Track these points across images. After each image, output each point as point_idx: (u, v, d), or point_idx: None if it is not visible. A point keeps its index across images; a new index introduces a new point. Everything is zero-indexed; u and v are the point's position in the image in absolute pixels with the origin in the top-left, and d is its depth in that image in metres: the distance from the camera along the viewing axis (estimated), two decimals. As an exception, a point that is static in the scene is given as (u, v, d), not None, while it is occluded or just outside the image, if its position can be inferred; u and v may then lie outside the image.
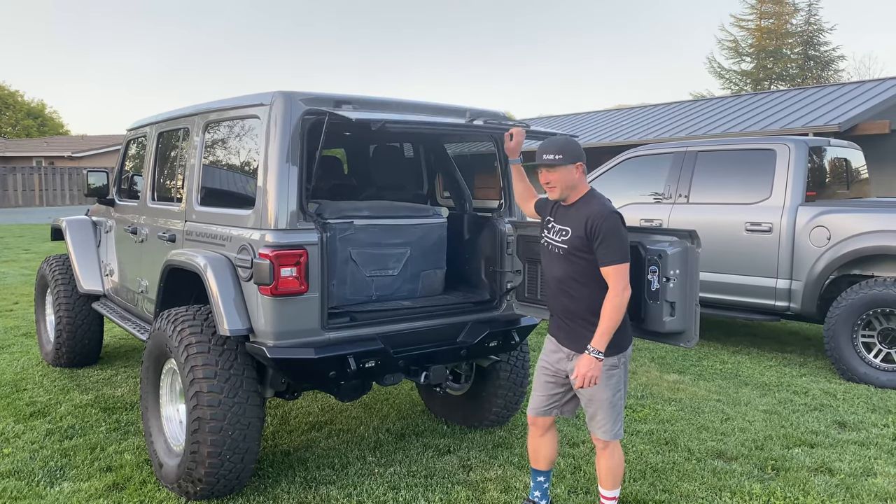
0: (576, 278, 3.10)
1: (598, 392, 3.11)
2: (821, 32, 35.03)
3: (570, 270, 3.10)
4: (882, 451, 4.43)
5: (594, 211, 3.05)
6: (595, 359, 2.96)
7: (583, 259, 3.06)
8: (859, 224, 6.00)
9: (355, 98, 3.63)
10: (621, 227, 3.03)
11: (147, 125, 5.16)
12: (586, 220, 3.03)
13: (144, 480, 3.90)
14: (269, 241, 3.35)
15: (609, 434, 3.17)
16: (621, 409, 3.19)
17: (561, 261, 3.13)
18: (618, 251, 2.98)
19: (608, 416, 3.15)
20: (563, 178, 3.09)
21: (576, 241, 3.07)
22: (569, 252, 3.09)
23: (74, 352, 5.98)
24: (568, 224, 3.12)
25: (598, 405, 3.15)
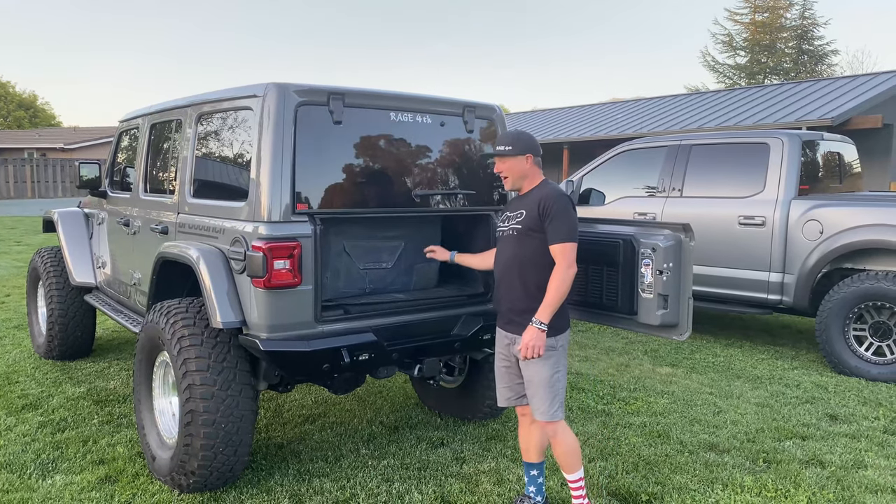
0: (525, 258, 3.22)
1: (535, 372, 3.21)
2: (815, 27, 35.07)
3: (521, 251, 3.23)
4: (872, 443, 4.46)
5: (546, 193, 3.24)
6: (538, 329, 3.08)
7: (535, 238, 3.19)
8: (852, 218, 6.02)
9: (349, 90, 3.61)
10: (571, 209, 3.21)
11: (139, 117, 5.13)
12: (539, 200, 3.20)
13: (137, 473, 3.89)
14: (262, 233, 3.34)
15: (546, 415, 3.23)
16: (560, 390, 3.26)
17: (513, 242, 3.26)
18: (567, 230, 3.14)
19: (545, 397, 3.21)
20: (513, 168, 3.28)
21: (529, 220, 3.21)
22: (522, 232, 3.23)
23: (66, 344, 5.96)
24: (521, 207, 3.28)
25: (536, 386, 3.23)
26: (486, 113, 4.19)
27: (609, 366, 6.23)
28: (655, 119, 18.16)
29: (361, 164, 3.69)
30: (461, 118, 4.07)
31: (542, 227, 3.18)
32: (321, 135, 3.52)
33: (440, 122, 3.98)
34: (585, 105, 23.60)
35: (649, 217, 7.25)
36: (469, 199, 4.08)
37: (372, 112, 3.72)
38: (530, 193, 3.31)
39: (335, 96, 3.55)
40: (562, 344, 3.26)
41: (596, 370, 6.07)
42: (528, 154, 3.29)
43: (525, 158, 3.29)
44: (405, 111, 3.84)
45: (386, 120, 3.77)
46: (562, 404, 3.28)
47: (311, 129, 3.48)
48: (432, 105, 3.96)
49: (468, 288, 4.24)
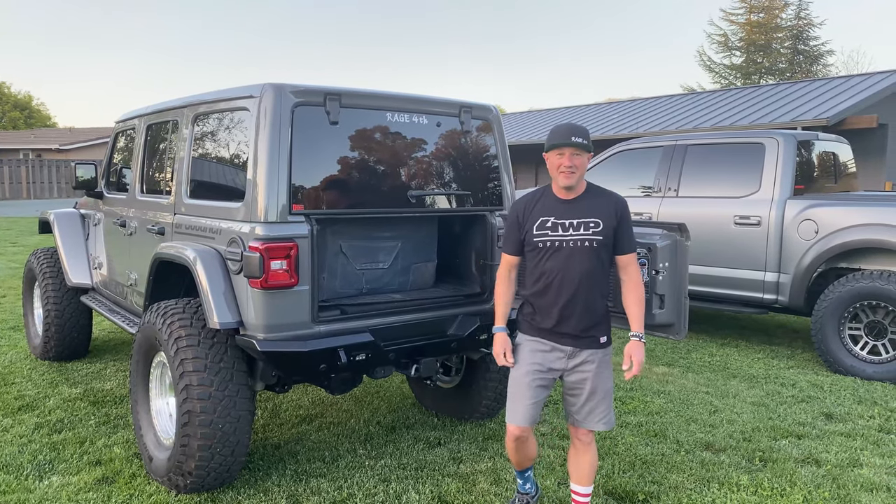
0: (601, 271, 3.04)
1: (601, 382, 3.08)
2: (810, 27, 35.20)
3: (598, 263, 3.02)
4: (868, 441, 4.47)
5: (616, 199, 3.08)
6: (642, 342, 3.04)
7: (607, 250, 3.03)
8: (847, 217, 6.04)
9: (345, 90, 3.62)
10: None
11: (136, 117, 5.13)
12: (615, 208, 3.03)
13: (134, 474, 3.89)
14: (258, 233, 3.34)
15: (609, 423, 3.13)
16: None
17: (588, 255, 3.00)
18: (634, 238, 3.09)
19: (607, 405, 3.11)
20: (583, 166, 3.02)
21: (609, 231, 3.00)
22: (602, 244, 3.00)
23: (63, 345, 5.95)
24: (594, 215, 3.01)
25: (601, 396, 3.09)
26: (482, 113, 4.20)
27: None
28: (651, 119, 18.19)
29: (358, 164, 3.70)
30: (457, 118, 4.08)
31: (614, 236, 3.02)
32: (317, 135, 3.53)
33: (436, 122, 3.98)
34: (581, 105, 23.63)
35: (645, 217, 7.26)
36: (465, 199, 4.09)
37: (368, 112, 3.73)
38: (589, 197, 3.07)
39: (331, 97, 3.55)
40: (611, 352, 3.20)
41: (592, 370, 6.07)
42: (591, 153, 3.10)
43: (589, 157, 3.07)
44: (401, 111, 3.84)
45: (382, 120, 3.78)
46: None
47: (307, 129, 3.48)
48: (428, 105, 3.97)
49: (465, 288, 4.25)
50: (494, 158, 4.26)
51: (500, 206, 4.22)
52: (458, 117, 4.08)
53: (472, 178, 4.14)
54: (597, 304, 3.06)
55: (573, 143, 2.95)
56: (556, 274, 3.02)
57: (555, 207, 3.06)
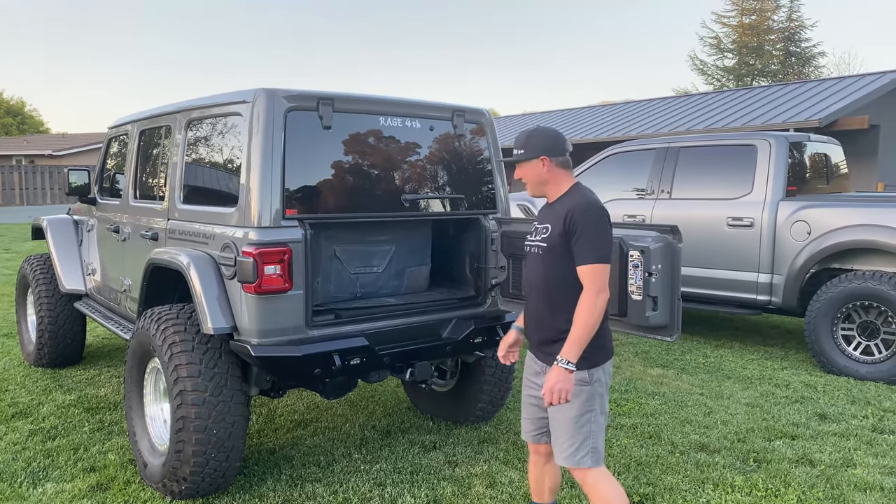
0: (554, 282, 2.77)
1: (560, 409, 2.73)
2: (802, 29, 35.38)
3: (549, 273, 2.79)
4: (861, 441, 4.49)
5: (575, 203, 2.74)
6: (564, 370, 2.63)
7: (562, 259, 2.74)
8: (839, 218, 6.07)
9: (338, 95, 3.62)
10: (603, 222, 2.71)
11: (129, 123, 5.13)
12: (566, 213, 2.73)
13: (129, 480, 3.88)
14: (252, 238, 3.34)
15: (569, 460, 2.75)
16: (591, 433, 2.74)
17: (539, 262, 2.83)
18: (594, 249, 2.65)
19: (568, 438, 2.73)
20: (528, 174, 2.86)
21: (556, 238, 2.75)
22: (548, 251, 2.78)
23: (57, 352, 5.94)
24: (549, 221, 2.83)
25: (560, 426, 2.76)
26: (475, 117, 4.21)
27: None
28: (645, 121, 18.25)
29: (351, 168, 3.70)
30: (450, 122, 4.09)
31: (568, 244, 2.72)
32: (311, 140, 3.54)
33: (429, 126, 3.99)
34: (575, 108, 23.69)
35: (639, 219, 7.28)
36: (459, 202, 4.10)
37: (361, 117, 3.74)
38: (560, 202, 2.83)
39: (324, 101, 3.56)
40: (598, 378, 2.76)
41: (587, 372, 6.08)
42: (543, 156, 2.82)
43: (540, 162, 2.82)
44: (394, 116, 3.85)
45: (375, 125, 3.78)
46: (594, 449, 2.75)
47: (300, 134, 3.49)
48: (421, 109, 3.98)
49: (459, 291, 4.25)
50: (488, 162, 4.27)
51: (494, 209, 4.23)
52: (451, 121, 4.09)
53: (465, 181, 4.15)
54: (548, 317, 2.80)
55: (510, 157, 2.90)
56: (524, 279, 2.97)
57: (541, 212, 2.99)
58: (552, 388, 2.64)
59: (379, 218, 3.88)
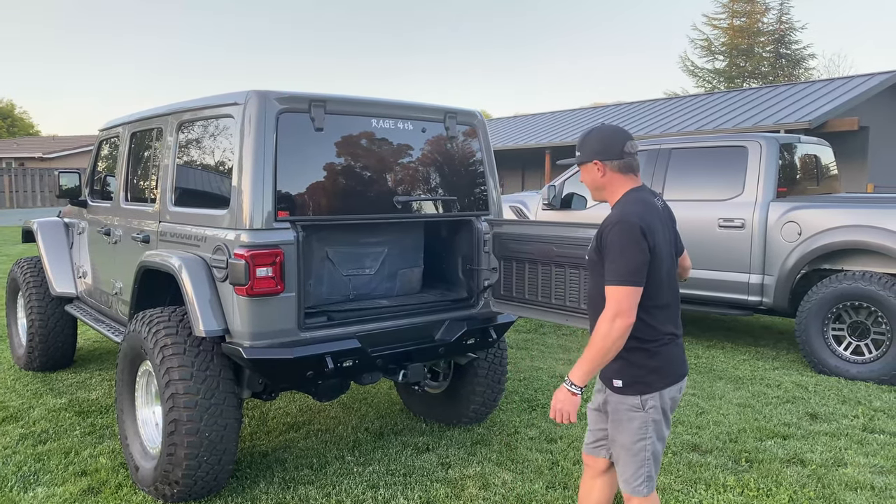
0: (596, 297, 2.60)
1: (617, 433, 2.62)
2: (792, 31, 35.55)
3: (593, 288, 2.64)
4: (852, 441, 4.52)
5: (609, 217, 2.55)
6: (568, 391, 2.48)
7: (601, 275, 2.55)
8: (829, 219, 6.11)
9: (330, 97, 3.62)
10: (629, 240, 2.44)
11: (119, 125, 5.11)
12: (603, 226, 2.55)
13: (120, 484, 3.86)
14: (244, 241, 3.34)
15: (626, 487, 2.64)
16: (646, 461, 2.59)
17: (589, 276, 2.71)
18: (617, 269, 2.44)
19: (626, 465, 2.62)
20: (586, 179, 2.69)
21: (592, 253, 2.61)
22: (590, 264, 2.67)
23: (47, 355, 5.90)
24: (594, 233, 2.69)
25: (618, 450, 2.65)
26: (467, 119, 4.22)
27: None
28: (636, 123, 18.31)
29: (343, 170, 3.70)
30: (442, 124, 4.09)
31: (603, 261, 2.52)
32: (303, 142, 3.53)
33: (421, 128, 4.00)
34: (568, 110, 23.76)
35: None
36: (451, 204, 4.10)
37: (353, 119, 3.74)
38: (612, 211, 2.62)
39: (316, 103, 3.56)
40: (653, 405, 2.56)
41: (580, 373, 6.09)
42: (596, 159, 2.60)
43: (594, 166, 2.62)
44: (386, 118, 3.85)
45: (367, 126, 3.78)
46: (649, 478, 2.62)
47: (292, 136, 3.49)
48: (413, 111, 3.98)
49: (452, 293, 4.26)
50: (480, 164, 4.28)
51: (486, 210, 4.23)
52: (443, 123, 4.09)
53: (457, 183, 4.15)
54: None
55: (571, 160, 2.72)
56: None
57: None
58: (555, 406, 2.52)
59: (371, 220, 3.88)
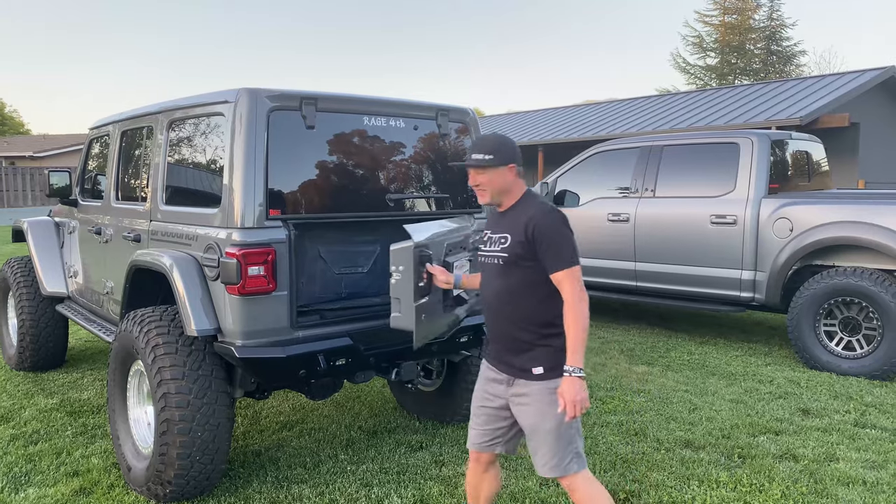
0: (516, 291, 2.73)
1: (541, 421, 2.70)
2: (783, 28, 35.68)
3: (510, 283, 2.74)
4: (844, 436, 4.54)
5: (534, 211, 2.71)
6: (578, 378, 2.58)
7: (523, 269, 2.70)
8: (820, 215, 6.13)
9: (321, 94, 3.61)
10: (566, 226, 2.70)
11: (110, 124, 5.08)
12: (526, 221, 2.69)
13: (112, 484, 3.85)
14: (235, 239, 3.32)
15: (557, 469, 2.72)
16: (572, 438, 2.73)
17: (500, 273, 2.76)
18: (566, 253, 2.64)
19: (554, 449, 2.70)
20: (493, 181, 2.76)
21: (516, 247, 2.70)
22: (510, 261, 2.72)
23: (38, 355, 5.87)
24: (506, 230, 2.76)
25: (542, 437, 2.71)
26: (459, 116, 4.22)
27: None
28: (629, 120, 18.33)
29: (335, 168, 3.69)
30: (434, 121, 4.08)
31: (533, 254, 2.67)
32: (294, 140, 3.52)
33: (413, 125, 3.99)
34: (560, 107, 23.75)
35: (623, 217, 7.32)
36: (444, 201, 4.10)
37: (345, 116, 3.73)
38: (513, 211, 2.79)
39: (308, 101, 3.55)
40: None
41: (573, 370, 6.10)
42: (512, 164, 2.77)
43: (509, 169, 2.76)
44: (378, 115, 3.85)
45: (359, 124, 3.78)
46: (579, 454, 2.74)
47: (283, 134, 3.47)
48: (405, 109, 3.98)
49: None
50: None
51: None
52: (435, 120, 4.09)
53: (450, 180, 4.15)
54: (513, 328, 2.75)
55: (471, 161, 2.77)
56: (482, 291, 2.90)
57: (492, 220, 2.92)
58: (572, 400, 2.56)
59: (363, 218, 3.87)
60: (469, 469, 3.04)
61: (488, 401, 2.89)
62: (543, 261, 2.67)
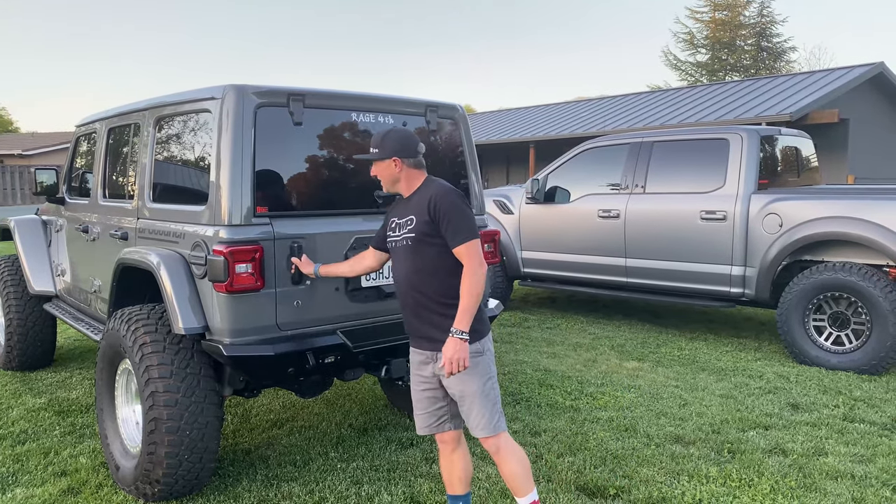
0: (425, 269, 2.91)
1: (466, 384, 2.91)
2: (773, 24, 35.77)
3: (419, 262, 2.92)
4: (833, 430, 4.56)
5: (434, 192, 2.92)
6: (459, 339, 2.78)
7: (431, 246, 2.90)
8: (810, 211, 6.15)
9: (309, 91, 3.59)
10: (463, 203, 2.91)
11: (97, 121, 5.04)
12: (427, 201, 2.90)
13: (101, 484, 3.82)
14: (223, 237, 3.30)
15: (488, 429, 2.93)
16: (496, 398, 2.97)
17: (409, 253, 2.94)
18: (464, 227, 2.85)
19: (483, 409, 2.92)
20: (382, 173, 3.01)
21: (422, 226, 2.90)
22: (417, 240, 2.91)
23: (26, 355, 5.83)
24: (411, 212, 2.95)
25: (471, 399, 2.92)
26: (448, 112, 4.20)
27: (577, 361, 6.28)
28: (620, 117, 18.36)
29: (323, 165, 3.68)
30: (423, 118, 4.07)
31: (437, 231, 2.88)
32: (281, 136, 3.50)
33: (402, 122, 3.97)
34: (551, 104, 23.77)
35: (613, 214, 7.32)
36: (433, 198, 4.08)
37: (333, 113, 3.71)
38: (416, 195, 2.99)
39: (295, 97, 3.53)
40: (488, 348, 2.99)
41: (564, 366, 6.11)
42: (395, 157, 2.95)
43: (392, 162, 2.96)
44: (367, 111, 3.83)
45: (347, 121, 3.76)
46: (502, 414, 2.99)
47: (271, 130, 3.45)
48: (394, 105, 3.96)
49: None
50: (461, 157, 4.26)
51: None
52: (424, 117, 4.07)
53: (439, 176, 4.12)
54: (429, 303, 2.92)
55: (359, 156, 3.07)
56: (394, 273, 3.05)
57: (398, 207, 3.08)
58: (451, 357, 2.77)
59: (351, 215, 3.85)
60: (439, 455, 3.19)
61: (423, 383, 3.04)
62: (445, 236, 2.87)
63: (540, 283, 8.28)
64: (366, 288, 3.75)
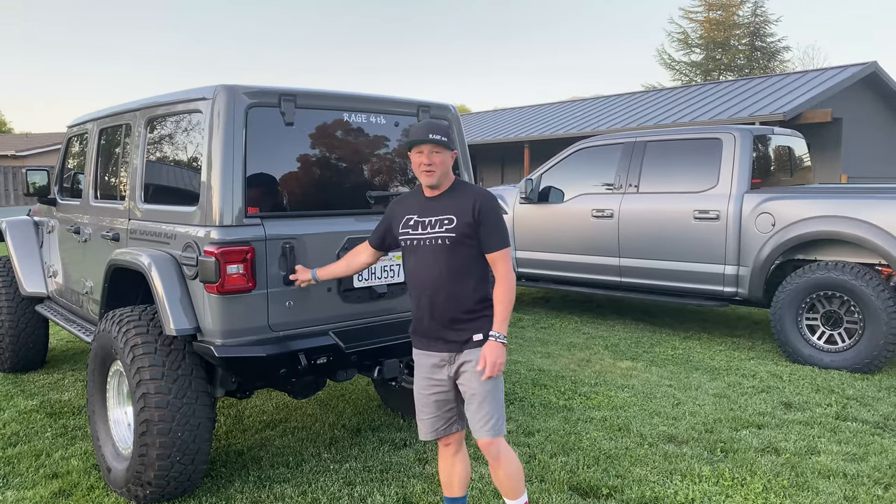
0: (458, 270, 2.89)
1: (481, 385, 2.90)
2: (767, 24, 35.85)
3: (454, 263, 2.89)
4: (825, 429, 4.57)
5: (479, 193, 2.93)
6: (501, 344, 2.84)
7: (468, 248, 2.89)
8: (802, 210, 6.17)
9: (301, 91, 3.58)
10: (500, 208, 2.96)
11: (88, 122, 5.02)
12: (472, 202, 2.88)
13: (92, 486, 3.81)
14: (214, 237, 3.29)
15: (493, 430, 2.92)
16: (502, 401, 2.97)
17: (442, 253, 2.88)
18: (504, 235, 2.90)
19: (490, 412, 2.92)
20: (444, 163, 2.92)
21: (464, 227, 2.86)
22: (456, 241, 2.87)
23: (18, 356, 5.81)
24: (450, 212, 2.90)
25: (482, 399, 2.91)
26: (440, 112, 4.20)
27: (570, 361, 6.29)
28: (614, 116, 18.38)
29: (315, 165, 3.67)
30: (416, 118, 4.06)
31: (477, 233, 2.87)
32: (273, 137, 3.49)
33: (394, 122, 3.97)
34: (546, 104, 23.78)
35: (607, 213, 7.33)
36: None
37: (325, 113, 3.70)
38: (449, 194, 2.95)
39: (286, 98, 3.52)
40: None
41: (557, 366, 6.11)
42: (456, 151, 3.04)
43: (453, 155, 2.97)
44: (358, 112, 3.82)
45: (339, 121, 3.75)
46: (505, 418, 3.02)
47: (262, 131, 3.44)
48: (386, 105, 3.95)
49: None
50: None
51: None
52: (416, 117, 4.07)
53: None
54: (458, 304, 2.90)
55: (430, 139, 2.86)
56: (418, 273, 2.96)
57: (419, 205, 3.00)
58: (494, 361, 2.82)
59: (343, 215, 3.84)
60: (440, 457, 3.16)
61: (434, 387, 3.02)
62: (484, 240, 2.89)
63: (534, 283, 8.28)
64: (358, 289, 3.74)
